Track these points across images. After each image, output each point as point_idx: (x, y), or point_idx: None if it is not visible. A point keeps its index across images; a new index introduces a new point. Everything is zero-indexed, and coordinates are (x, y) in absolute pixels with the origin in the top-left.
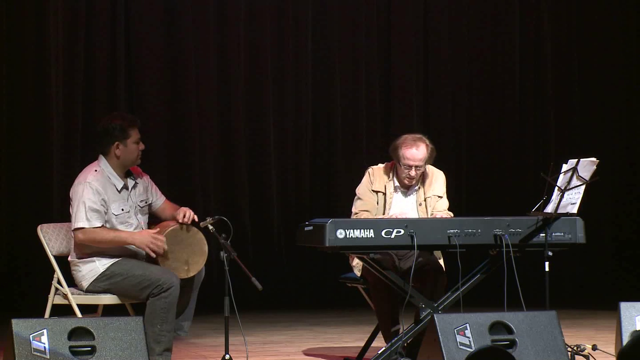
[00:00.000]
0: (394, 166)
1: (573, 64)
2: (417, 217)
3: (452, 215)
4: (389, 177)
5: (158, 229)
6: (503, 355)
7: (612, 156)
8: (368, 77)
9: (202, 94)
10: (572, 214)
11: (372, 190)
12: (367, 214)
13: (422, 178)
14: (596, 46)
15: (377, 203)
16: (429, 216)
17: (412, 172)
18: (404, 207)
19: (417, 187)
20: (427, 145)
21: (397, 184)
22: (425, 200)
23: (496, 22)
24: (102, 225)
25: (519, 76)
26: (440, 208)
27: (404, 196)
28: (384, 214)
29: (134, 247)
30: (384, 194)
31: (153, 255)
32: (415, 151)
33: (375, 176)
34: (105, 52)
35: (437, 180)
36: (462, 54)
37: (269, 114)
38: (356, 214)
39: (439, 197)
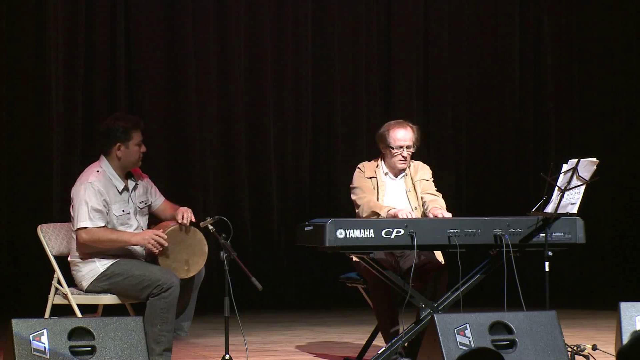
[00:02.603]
0: (380, 158)
1: (573, 64)
2: (407, 202)
3: (440, 195)
4: (377, 165)
5: (159, 230)
6: (493, 356)
7: (612, 156)
8: (368, 77)
9: (202, 94)
10: (572, 214)
11: (366, 177)
12: (371, 195)
13: (409, 167)
14: (596, 47)
15: (373, 188)
16: (419, 201)
17: (404, 153)
18: (395, 191)
19: (405, 174)
20: (411, 126)
21: (385, 170)
22: (413, 185)
23: (496, 23)
24: (105, 226)
25: (519, 76)
26: (428, 188)
27: (393, 181)
28: (377, 198)
29: (136, 246)
30: (376, 178)
31: (156, 251)
32: (405, 131)
33: (366, 167)
34: (105, 52)
35: (424, 169)
36: (462, 54)
37: (269, 114)
38: (362, 197)
39: (426, 180)
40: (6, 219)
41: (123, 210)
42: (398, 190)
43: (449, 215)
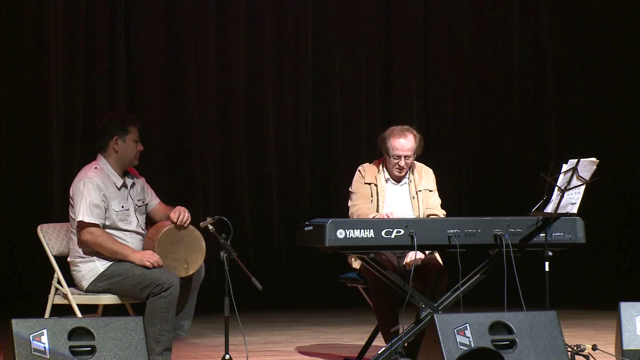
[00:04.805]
0: (382, 161)
1: (573, 64)
2: (411, 209)
3: (443, 212)
4: (378, 170)
5: (154, 230)
6: (493, 356)
7: (612, 156)
8: (368, 77)
9: (202, 94)
10: (572, 214)
11: (365, 183)
12: (363, 203)
13: (412, 171)
14: (596, 46)
15: (372, 195)
16: (423, 212)
17: (402, 162)
18: (397, 198)
19: (409, 180)
20: (414, 135)
21: (387, 175)
22: (417, 193)
23: (496, 22)
24: (103, 225)
25: (519, 76)
26: (434, 204)
27: (395, 187)
28: (378, 205)
29: (136, 242)
30: (376, 185)
31: (150, 266)
32: (404, 141)
33: (366, 171)
34: (105, 52)
35: (427, 174)
36: (462, 54)
37: (269, 114)
38: (354, 204)
39: (430, 190)
40: (6, 219)
41: (122, 206)
42: (401, 196)
43: None
